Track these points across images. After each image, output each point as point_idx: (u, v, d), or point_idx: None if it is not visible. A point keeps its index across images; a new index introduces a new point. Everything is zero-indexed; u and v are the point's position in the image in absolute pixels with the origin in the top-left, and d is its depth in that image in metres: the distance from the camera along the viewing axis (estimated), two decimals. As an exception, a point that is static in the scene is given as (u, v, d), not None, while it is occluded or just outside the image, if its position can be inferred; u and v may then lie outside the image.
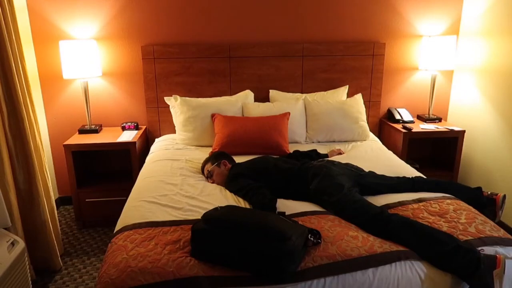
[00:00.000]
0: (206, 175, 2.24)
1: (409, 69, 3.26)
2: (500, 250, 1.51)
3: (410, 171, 2.31)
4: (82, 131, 2.91)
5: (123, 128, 3.00)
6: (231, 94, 3.07)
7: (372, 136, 3.03)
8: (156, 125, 3.13)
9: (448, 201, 1.87)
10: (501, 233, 1.61)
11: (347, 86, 3.14)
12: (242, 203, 1.92)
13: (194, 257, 1.43)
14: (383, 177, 2.11)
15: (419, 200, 1.88)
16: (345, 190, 1.84)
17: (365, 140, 2.92)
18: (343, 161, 2.24)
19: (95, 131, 2.92)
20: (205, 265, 1.40)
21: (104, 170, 3.15)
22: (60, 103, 3.02)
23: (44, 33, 2.87)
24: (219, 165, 2.22)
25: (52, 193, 2.45)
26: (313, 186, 1.96)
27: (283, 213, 1.67)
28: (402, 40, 3.18)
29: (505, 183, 2.78)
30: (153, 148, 2.85)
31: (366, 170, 2.17)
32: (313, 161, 2.23)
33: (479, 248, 1.48)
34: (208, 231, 1.46)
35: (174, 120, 2.93)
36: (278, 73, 3.10)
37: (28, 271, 1.82)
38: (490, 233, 1.58)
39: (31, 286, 1.85)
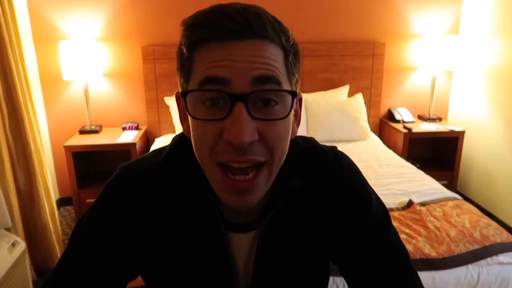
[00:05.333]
0: None
1: (409, 69, 3.26)
2: (502, 258, 1.51)
3: (411, 171, 2.32)
4: (83, 132, 2.90)
5: (124, 129, 2.99)
6: (231, 95, 3.06)
7: (372, 136, 3.03)
8: (156, 125, 3.13)
9: (450, 203, 1.87)
10: (504, 236, 1.62)
11: (348, 86, 3.13)
12: None
13: None
14: None
15: (423, 204, 1.87)
16: None
17: (365, 140, 2.92)
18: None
19: (96, 132, 2.92)
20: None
21: (104, 171, 3.14)
22: (60, 103, 3.02)
23: (45, 34, 2.86)
24: None
25: (52, 194, 2.45)
26: None
27: None
28: (402, 40, 3.18)
29: (505, 183, 2.78)
30: (153, 148, 2.85)
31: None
32: None
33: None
34: None
35: (174, 120, 2.93)
36: (278, 73, 3.09)
37: (29, 271, 1.82)
38: (494, 238, 1.59)
39: (31, 286, 1.85)
